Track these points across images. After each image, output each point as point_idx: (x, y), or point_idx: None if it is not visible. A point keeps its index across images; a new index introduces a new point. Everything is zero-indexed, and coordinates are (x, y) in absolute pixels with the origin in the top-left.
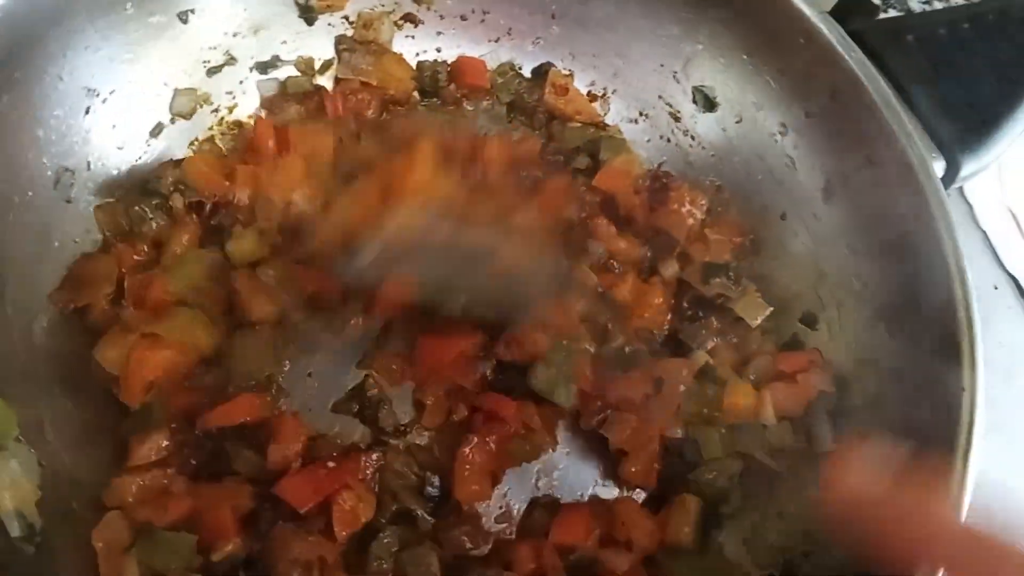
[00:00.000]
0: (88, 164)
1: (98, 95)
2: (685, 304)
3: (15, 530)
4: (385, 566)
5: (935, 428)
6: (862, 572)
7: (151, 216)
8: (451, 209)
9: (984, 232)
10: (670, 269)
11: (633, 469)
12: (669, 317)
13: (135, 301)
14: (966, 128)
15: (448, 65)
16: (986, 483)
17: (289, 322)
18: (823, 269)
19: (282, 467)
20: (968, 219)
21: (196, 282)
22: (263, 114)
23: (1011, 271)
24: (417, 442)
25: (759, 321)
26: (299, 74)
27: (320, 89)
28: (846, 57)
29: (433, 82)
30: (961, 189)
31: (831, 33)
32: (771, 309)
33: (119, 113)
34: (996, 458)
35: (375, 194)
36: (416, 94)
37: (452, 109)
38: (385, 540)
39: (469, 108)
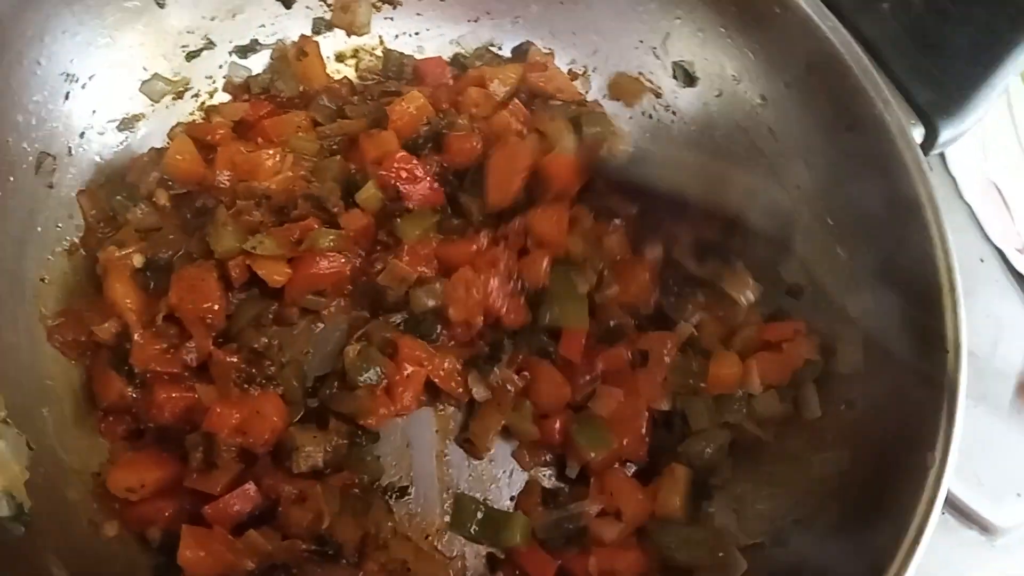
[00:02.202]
0: (69, 150)
1: (77, 80)
2: (671, 281)
3: (3, 510)
4: None
5: (922, 393)
6: (850, 539)
7: (135, 206)
8: None
9: (969, 206)
10: (655, 251)
11: (624, 442)
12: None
13: None
14: (943, 94)
15: (415, 60)
16: (973, 451)
17: None
18: (806, 239)
19: None
20: (953, 193)
21: None
22: (228, 99)
23: (996, 244)
24: None
25: (749, 299)
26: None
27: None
28: (822, 26)
29: (399, 73)
30: (945, 163)
31: (807, 3)
32: (759, 289)
33: (99, 98)
34: (983, 423)
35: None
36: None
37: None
38: None
39: None
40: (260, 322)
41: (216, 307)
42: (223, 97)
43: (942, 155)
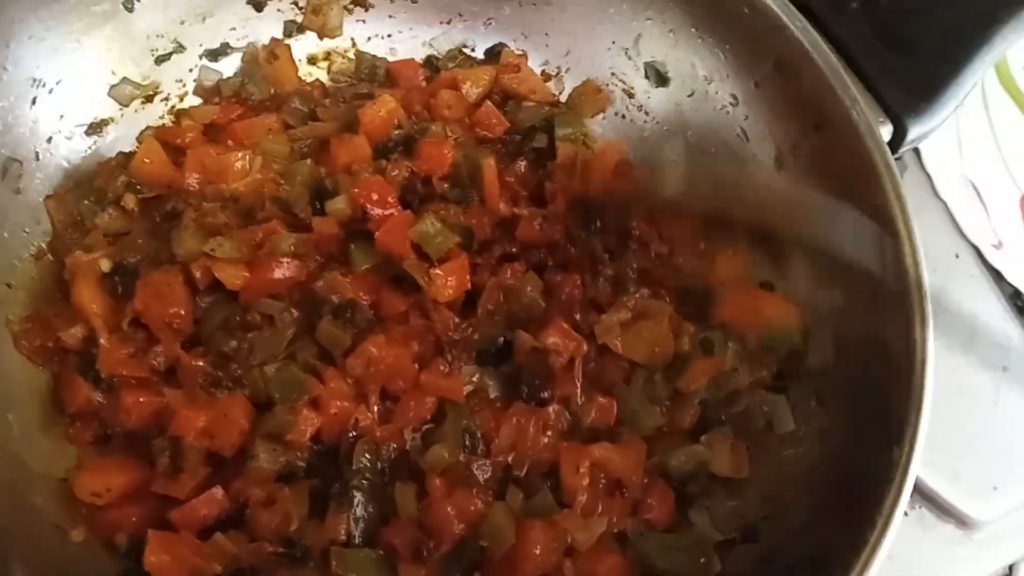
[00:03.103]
0: (37, 155)
1: (44, 85)
2: None
3: None
4: None
5: (891, 388)
6: (819, 534)
7: (103, 210)
8: None
9: (944, 202)
10: None
11: None
12: None
13: None
14: (911, 92)
15: (387, 62)
16: (950, 445)
17: None
18: (777, 239)
19: None
20: (928, 190)
21: None
22: (198, 102)
23: (972, 240)
24: None
25: None
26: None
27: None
28: (790, 25)
29: (371, 75)
30: (921, 161)
31: (775, 3)
32: None
33: (67, 103)
34: (959, 418)
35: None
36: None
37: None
38: None
39: None
40: (228, 326)
41: (183, 312)
42: (193, 100)
43: (918, 154)
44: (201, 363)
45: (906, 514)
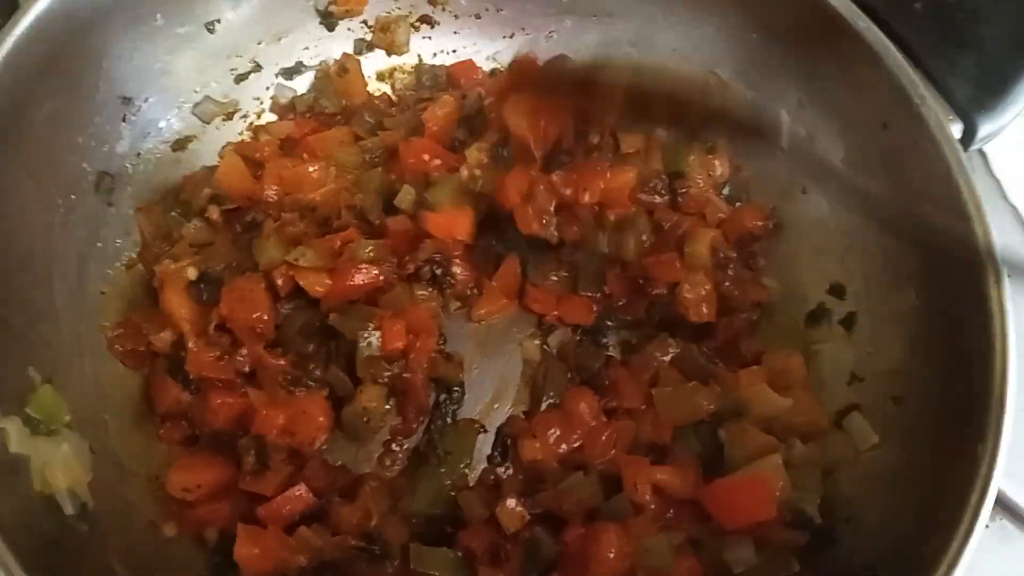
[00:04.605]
0: (127, 169)
1: (133, 103)
2: None
3: (68, 508)
4: None
5: (963, 390)
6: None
7: (189, 222)
8: None
9: (1014, 207)
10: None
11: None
12: None
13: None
14: (980, 90)
15: (445, 68)
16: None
17: None
18: (847, 239)
19: None
20: (997, 195)
21: None
22: (274, 119)
23: None
24: None
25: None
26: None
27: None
28: (854, 26)
29: (433, 83)
30: (989, 166)
31: (838, 3)
32: None
33: (154, 120)
34: None
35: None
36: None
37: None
38: None
39: None
40: (308, 330)
41: (265, 317)
42: (270, 117)
43: (985, 158)
44: (282, 362)
45: (987, 526)
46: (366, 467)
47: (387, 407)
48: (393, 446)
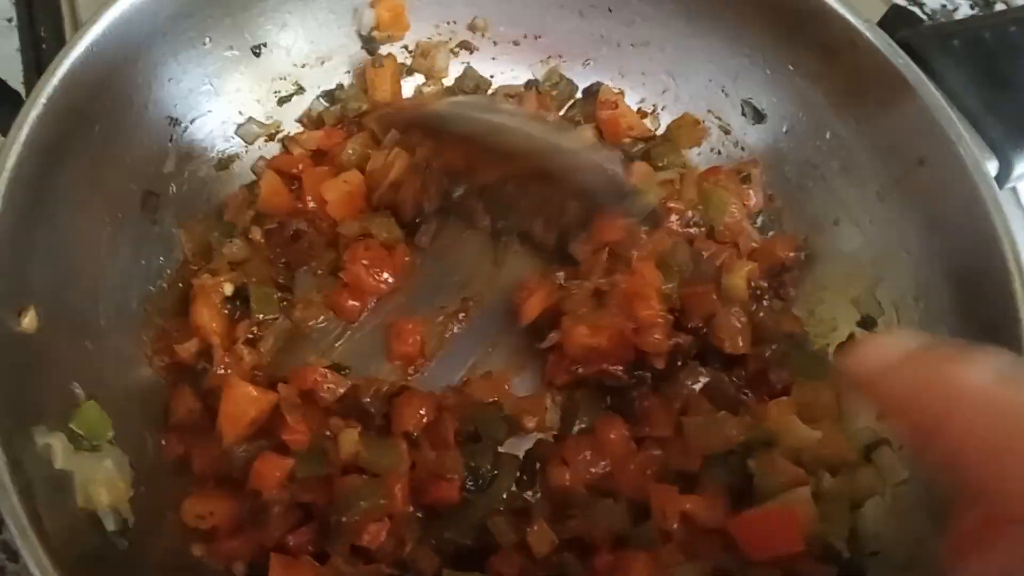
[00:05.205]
0: (171, 188)
1: (179, 124)
2: None
3: (110, 524)
4: None
5: None
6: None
7: (230, 240)
8: None
9: None
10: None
11: None
12: None
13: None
14: (1017, 127)
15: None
16: None
17: None
18: (879, 272)
19: None
20: None
21: None
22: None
23: None
24: None
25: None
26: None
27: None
28: (892, 62)
29: (475, 88)
30: (1018, 199)
31: (877, 39)
32: None
33: (198, 141)
34: None
35: None
36: None
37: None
38: None
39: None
40: None
41: None
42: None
43: (1014, 190)
44: None
45: None
46: None
47: None
48: None
